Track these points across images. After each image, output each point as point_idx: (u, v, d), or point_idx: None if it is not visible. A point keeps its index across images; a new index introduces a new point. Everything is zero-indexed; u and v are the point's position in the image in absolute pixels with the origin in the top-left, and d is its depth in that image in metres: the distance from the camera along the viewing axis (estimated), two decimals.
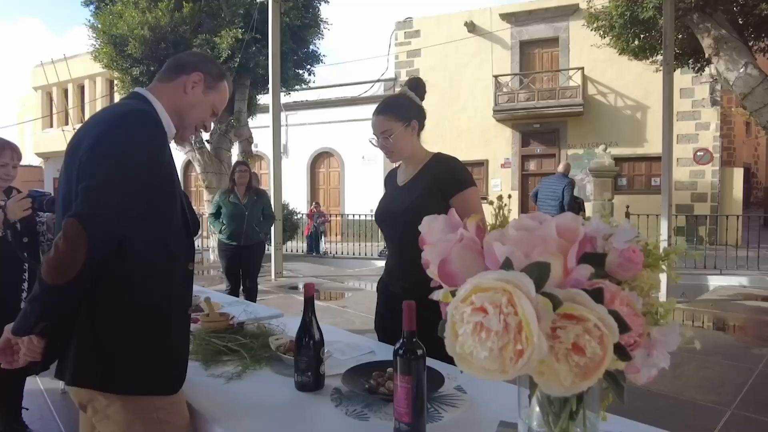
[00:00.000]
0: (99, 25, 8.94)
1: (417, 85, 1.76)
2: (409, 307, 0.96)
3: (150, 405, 1.09)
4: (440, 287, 0.65)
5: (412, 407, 0.93)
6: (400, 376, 0.94)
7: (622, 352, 0.49)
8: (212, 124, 1.33)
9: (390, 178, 1.88)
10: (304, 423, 1.11)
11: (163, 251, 1.12)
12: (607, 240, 0.66)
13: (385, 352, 1.53)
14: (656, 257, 0.65)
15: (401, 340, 0.95)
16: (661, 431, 1.02)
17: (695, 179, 11.99)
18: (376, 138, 1.71)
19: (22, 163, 2.61)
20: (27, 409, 2.61)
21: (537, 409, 0.67)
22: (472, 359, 0.47)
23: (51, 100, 18.61)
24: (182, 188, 1.22)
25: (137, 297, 1.08)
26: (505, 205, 0.64)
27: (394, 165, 1.91)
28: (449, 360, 1.33)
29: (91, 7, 9.49)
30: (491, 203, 0.67)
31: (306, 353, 1.25)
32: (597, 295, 0.50)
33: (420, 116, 1.73)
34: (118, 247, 1.04)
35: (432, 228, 0.73)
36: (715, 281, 7.55)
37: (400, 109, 1.69)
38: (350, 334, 1.87)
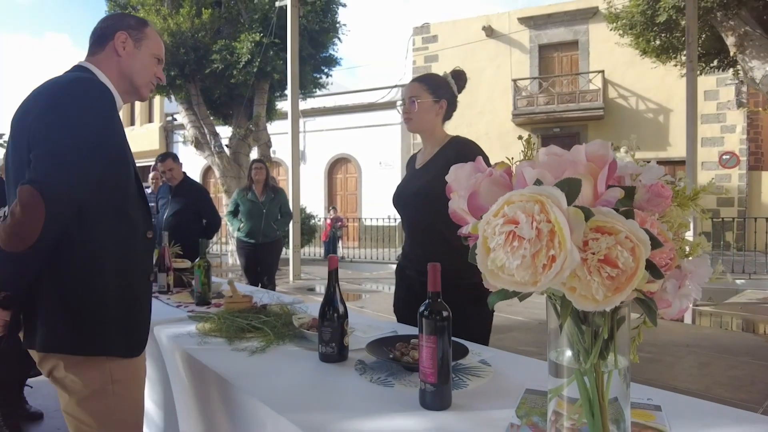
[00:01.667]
0: None
1: (459, 77, 1.81)
2: (434, 268, 0.97)
3: (107, 368, 1.12)
4: (465, 250, 0.65)
5: (437, 367, 0.94)
6: (426, 337, 0.94)
7: (653, 269, 0.49)
8: (164, 74, 1.35)
9: (411, 162, 1.89)
10: (329, 389, 1.11)
11: (122, 219, 1.14)
12: (635, 179, 0.66)
13: (407, 332, 1.53)
14: (685, 197, 0.65)
15: (426, 301, 0.95)
16: (700, 401, 1.00)
17: (721, 183, 11.70)
18: (403, 103, 1.74)
19: None
20: (31, 387, 2.64)
21: (568, 353, 0.67)
22: (503, 273, 0.48)
23: None
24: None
25: (99, 264, 1.10)
26: (534, 143, 0.65)
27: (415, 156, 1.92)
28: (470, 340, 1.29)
29: None
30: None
31: (330, 324, 1.27)
32: (628, 215, 0.50)
33: (451, 100, 1.77)
34: (77, 214, 1.05)
35: (459, 175, 0.74)
36: (743, 286, 7.34)
37: (436, 85, 1.75)
38: (371, 318, 1.87)
